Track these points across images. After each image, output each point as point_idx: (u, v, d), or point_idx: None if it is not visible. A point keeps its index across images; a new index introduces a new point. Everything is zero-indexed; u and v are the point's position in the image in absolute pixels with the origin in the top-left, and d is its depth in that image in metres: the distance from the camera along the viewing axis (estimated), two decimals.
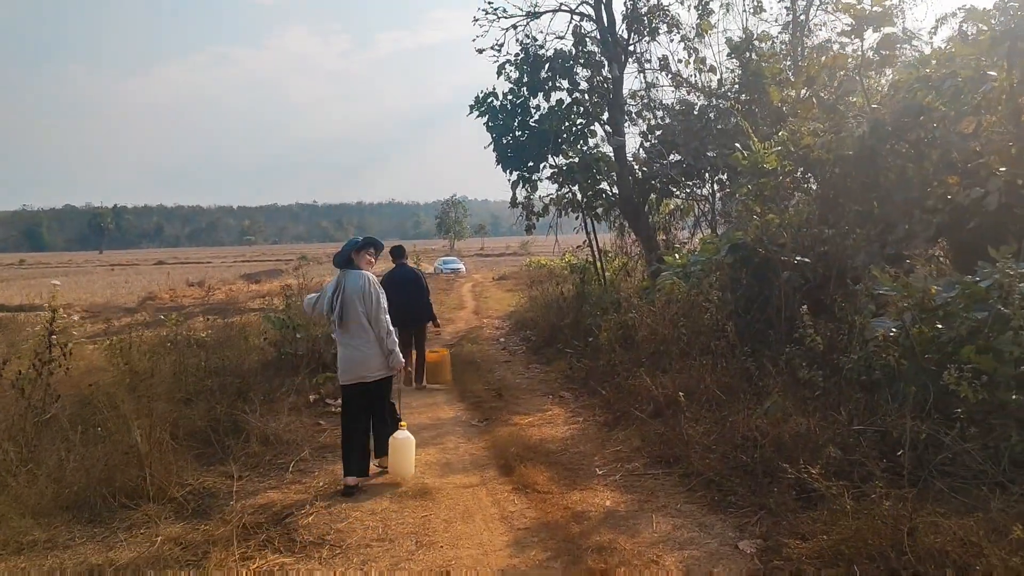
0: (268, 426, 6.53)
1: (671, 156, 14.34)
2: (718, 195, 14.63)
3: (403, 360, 5.67)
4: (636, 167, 14.38)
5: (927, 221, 7.34)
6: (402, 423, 5.71)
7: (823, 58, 9.63)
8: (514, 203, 15.30)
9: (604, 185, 13.91)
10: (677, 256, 9.90)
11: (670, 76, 14.80)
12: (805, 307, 6.17)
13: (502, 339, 15.08)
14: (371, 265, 5.83)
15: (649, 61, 14.85)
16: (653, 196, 14.64)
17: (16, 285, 52.13)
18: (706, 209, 15.68)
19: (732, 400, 6.17)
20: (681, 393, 5.97)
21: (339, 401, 8.27)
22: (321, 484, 5.48)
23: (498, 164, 14.21)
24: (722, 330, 7.38)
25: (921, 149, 7.67)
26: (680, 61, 15.35)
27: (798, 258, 7.91)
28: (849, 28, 7.65)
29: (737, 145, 10.08)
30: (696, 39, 14.09)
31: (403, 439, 5.56)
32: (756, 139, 9.34)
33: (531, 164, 14.01)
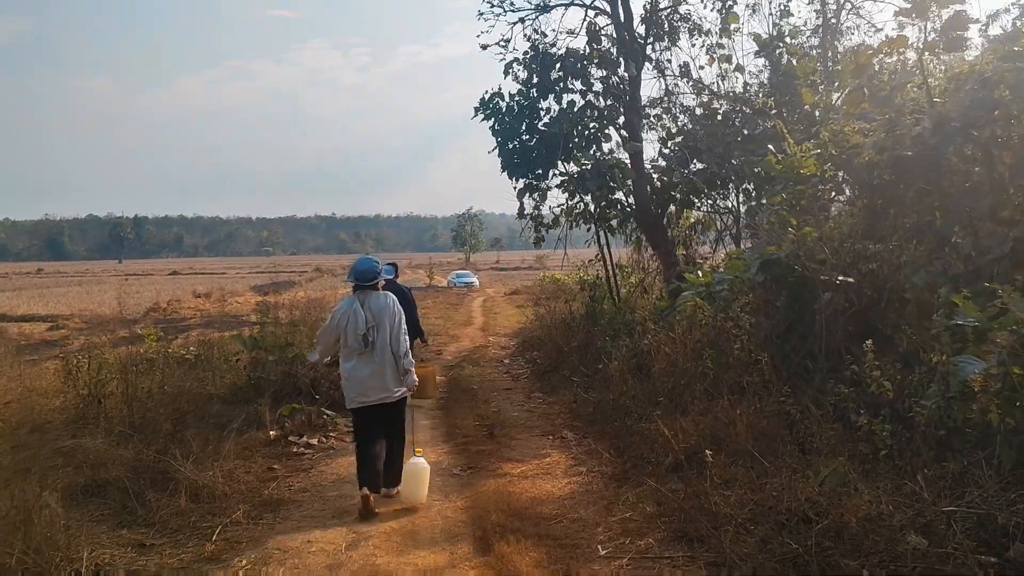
0: (203, 475, 5.38)
1: (692, 164, 13.17)
2: (743, 207, 13.42)
3: (416, 380, 5.70)
4: (655, 176, 13.21)
5: (1002, 235, 6.11)
6: (418, 450, 5.56)
7: (877, 44, 8.40)
8: (521, 214, 14.15)
9: (619, 195, 12.72)
10: (700, 273, 8.67)
11: (691, 83, 13.62)
12: (870, 341, 4.94)
13: (506, 360, 13.89)
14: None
15: (670, 62, 13.70)
16: (673, 207, 13.45)
17: (27, 294, 51.74)
18: (729, 222, 14.47)
19: (770, 453, 4.96)
20: (709, 452, 4.75)
21: (304, 439, 7.14)
22: (245, 563, 4.30)
23: (504, 171, 13.07)
24: (755, 363, 6.15)
25: (991, 151, 6.45)
26: (702, 68, 14.22)
27: (840, 277, 6.73)
28: (908, 6, 6.45)
29: (770, 147, 8.86)
30: (720, 35, 12.91)
31: (419, 466, 5.41)
32: (791, 141, 8.13)
33: (540, 171, 12.86)
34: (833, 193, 8.71)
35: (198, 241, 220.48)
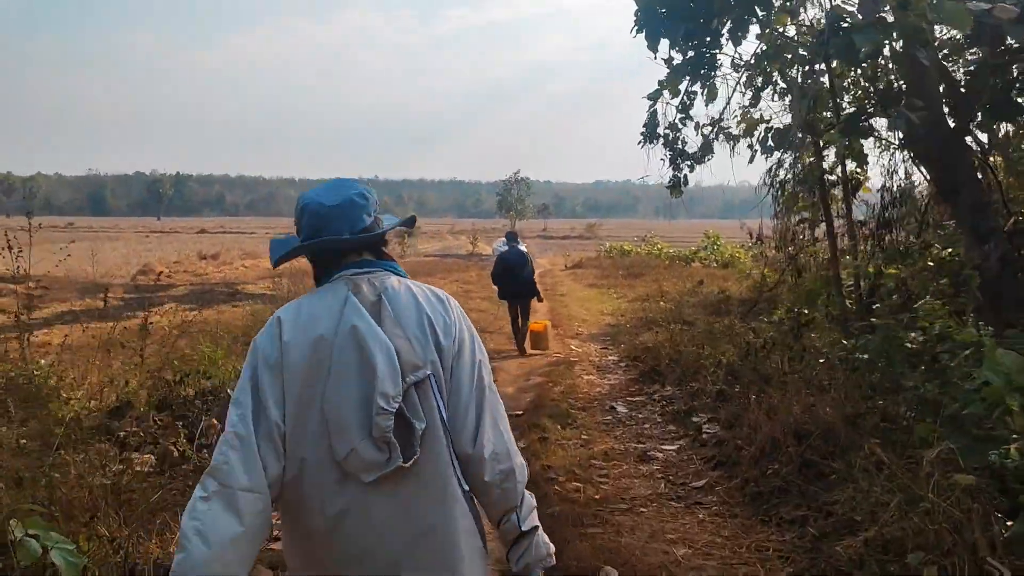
0: None
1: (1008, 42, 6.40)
2: None
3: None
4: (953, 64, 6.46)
5: None
6: None
7: None
8: (651, 133, 7.64)
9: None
10: None
11: None
12: None
13: (620, 406, 7.39)
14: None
15: None
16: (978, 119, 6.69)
17: (33, 250, 46.85)
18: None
19: None
20: None
21: None
22: None
23: (639, 31, 6.46)
24: None
25: None
26: None
27: None
28: None
29: None
30: None
31: None
32: None
33: (723, 32, 6.23)
34: None
35: (239, 200, 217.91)
